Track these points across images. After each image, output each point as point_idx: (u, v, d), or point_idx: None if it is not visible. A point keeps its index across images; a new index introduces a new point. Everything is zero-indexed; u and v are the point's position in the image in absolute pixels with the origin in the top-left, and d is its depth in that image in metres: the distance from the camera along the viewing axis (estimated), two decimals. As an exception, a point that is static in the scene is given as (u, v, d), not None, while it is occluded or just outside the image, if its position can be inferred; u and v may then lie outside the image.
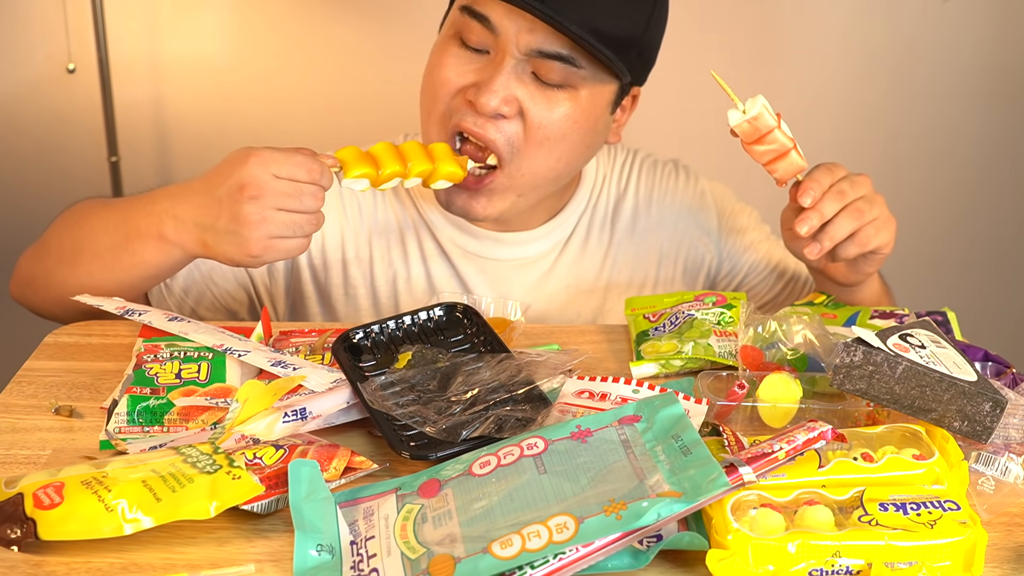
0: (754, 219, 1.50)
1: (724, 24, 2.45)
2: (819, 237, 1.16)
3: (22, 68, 2.36)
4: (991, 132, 2.59)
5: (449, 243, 1.39)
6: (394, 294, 1.39)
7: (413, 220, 1.39)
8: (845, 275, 1.26)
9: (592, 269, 1.43)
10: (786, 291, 1.47)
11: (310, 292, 1.40)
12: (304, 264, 1.39)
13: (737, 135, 1.15)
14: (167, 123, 2.44)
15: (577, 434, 0.88)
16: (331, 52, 2.42)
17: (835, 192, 1.15)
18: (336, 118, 2.45)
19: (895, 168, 2.57)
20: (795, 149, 1.15)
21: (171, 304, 1.33)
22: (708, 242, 1.47)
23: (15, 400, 1.07)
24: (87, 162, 2.41)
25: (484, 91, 1.20)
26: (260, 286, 1.38)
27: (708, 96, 2.45)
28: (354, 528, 0.85)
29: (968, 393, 0.91)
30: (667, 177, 1.47)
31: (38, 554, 0.83)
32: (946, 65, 2.53)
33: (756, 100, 1.12)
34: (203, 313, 1.35)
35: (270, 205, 1.08)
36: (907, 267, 2.44)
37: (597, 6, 1.18)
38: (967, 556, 0.81)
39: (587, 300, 1.42)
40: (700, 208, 1.47)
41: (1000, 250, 2.70)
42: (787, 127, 1.14)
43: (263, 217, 1.07)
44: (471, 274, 1.39)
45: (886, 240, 1.18)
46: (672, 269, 1.45)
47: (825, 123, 2.52)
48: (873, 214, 1.16)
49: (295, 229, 1.10)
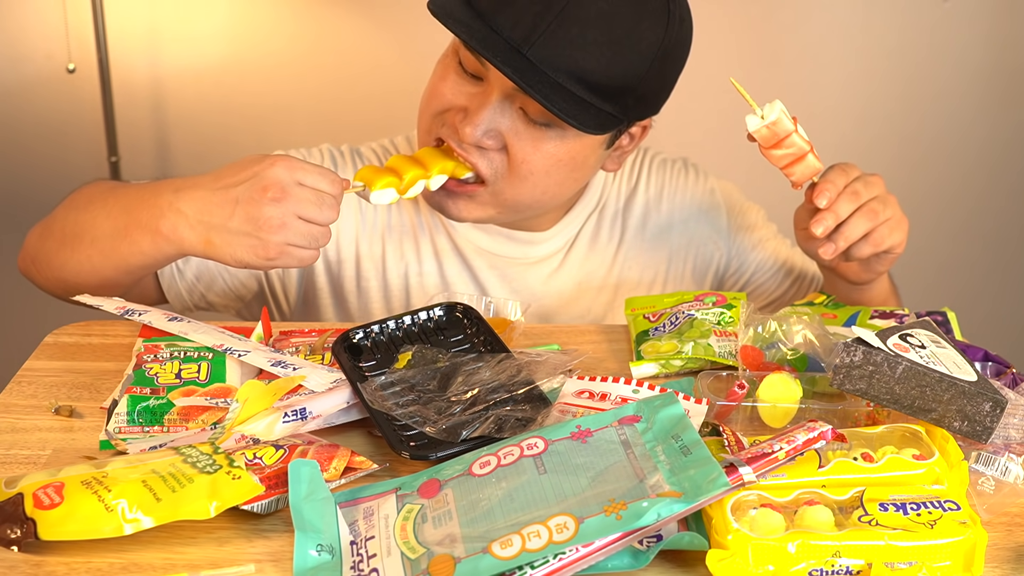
0: (761, 217, 1.51)
1: (724, 24, 2.45)
2: (834, 237, 1.17)
3: (22, 68, 2.35)
4: (991, 132, 2.60)
5: (463, 240, 1.39)
6: (406, 289, 1.39)
7: (426, 217, 1.39)
8: (857, 274, 1.27)
9: (603, 266, 1.43)
10: (793, 288, 1.48)
11: (323, 285, 1.39)
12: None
13: (755, 140, 1.15)
14: (167, 123, 2.44)
15: (577, 434, 0.88)
16: (331, 52, 2.42)
17: (849, 193, 1.16)
18: (336, 118, 2.45)
19: (896, 168, 2.57)
20: (812, 152, 1.16)
21: (182, 288, 1.33)
22: (717, 240, 1.47)
23: (15, 400, 1.07)
24: (87, 162, 2.41)
25: (468, 122, 1.20)
26: (273, 276, 1.38)
27: (714, 96, 2.45)
28: (354, 528, 0.85)
29: (968, 393, 0.91)
30: (677, 175, 1.48)
31: (38, 554, 0.83)
32: (947, 66, 2.53)
33: (774, 105, 1.13)
34: (212, 299, 1.36)
35: (291, 211, 1.06)
36: (907, 267, 2.44)
37: (584, 55, 1.13)
38: (967, 556, 0.81)
39: (597, 297, 1.43)
40: (710, 206, 1.48)
41: (1000, 250, 2.70)
42: (803, 130, 1.15)
43: (283, 223, 1.06)
44: (483, 270, 1.39)
45: (899, 240, 1.20)
46: (682, 266, 1.46)
47: (825, 123, 2.52)
48: (887, 214, 1.18)
49: (310, 240, 1.08)
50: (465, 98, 1.22)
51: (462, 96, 1.22)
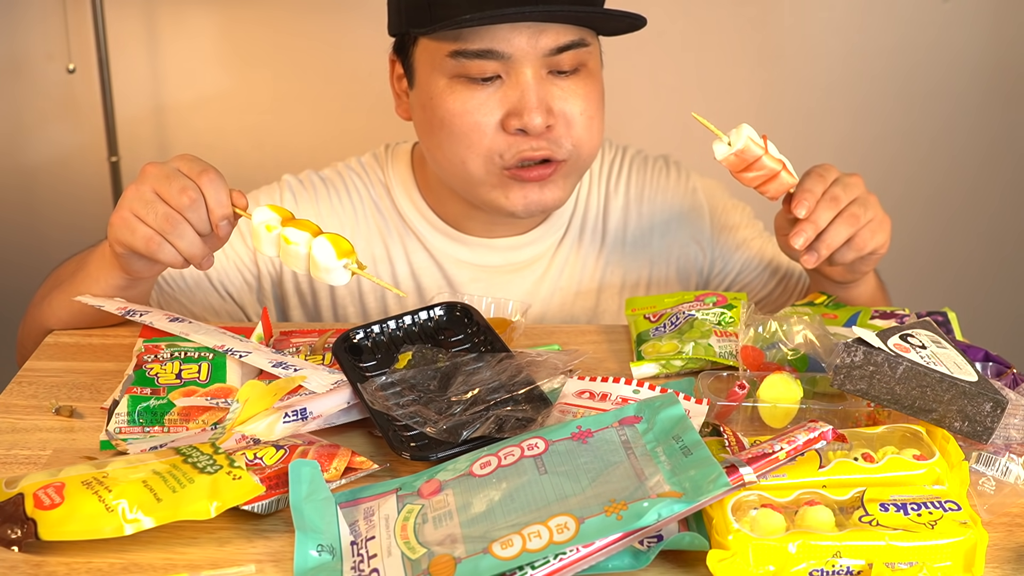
0: (746, 216, 1.49)
1: (724, 24, 2.45)
2: (815, 246, 1.15)
3: (22, 68, 2.35)
4: (991, 132, 2.59)
5: (440, 253, 1.38)
6: (384, 311, 1.39)
7: (399, 232, 1.39)
8: (842, 274, 1.26)
9: (586, 271, 1.42)
10: (779, 288, 1.46)
11: (294, 304, 1.40)
12: (290, 287, 1.39)
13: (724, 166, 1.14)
14: (167, 123, 2.44)
15: (578, 435, 0.88)
16: (331, 52, 2.42)
17: (828, 199, 1.14)
18: (336, 118, 2.44)
19: (895, 168, 2.57)
20: (784, 169, 1.14)
21: (185, 300, 1.35)
22: (700, 241, 1.46)
23: (15, 400, 1.07)
24: (87, 162, 2.41)
25: (525, 113, 1.20)
26: (265, 281, 1.38)
27: (706, 96, 2.46)
28: (354, 528, 0.85)
29: (969, 393, 0.91)
30: (658, 174, 1.46)
31: (38, 554, 0.83)
32: (946, 65, 2.53)
33: (740, 132, 1.11)
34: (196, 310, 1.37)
35: (148, 187, 1.08)
36: (908, 267, 2.44)
37: None
38: (968, 556, 0.81)
39: (582, 302, 1.42)
40: (691, 206, 1.46)
41: (1001, 250, 2.70)
42: (775, 149, 1.14)
43: (139, 192, 1.08)
44: (465, 283, 1.38)
45: (882, 241, 1.18)
46: (665, 268, 1.45)
47: (825, 123, 2.52)
48: (868, 217, 1.16)
49: (159, 221, 1.07)
50: (497, 105, 1.22)
51: (494, 107, 1.22)
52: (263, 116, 2.44)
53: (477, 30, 1.18)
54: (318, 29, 2.41)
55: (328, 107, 2.45)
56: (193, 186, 1.07)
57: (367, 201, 1.40)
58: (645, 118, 2.41)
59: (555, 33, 1.20)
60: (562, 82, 1.23)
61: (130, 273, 1.15)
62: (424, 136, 1.29)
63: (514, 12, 1.15)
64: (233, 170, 1.20)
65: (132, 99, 2.40)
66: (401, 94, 1.33)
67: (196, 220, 1.07)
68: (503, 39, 1.19)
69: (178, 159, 1.10)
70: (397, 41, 1.30)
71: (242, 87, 2.43)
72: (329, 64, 2.43)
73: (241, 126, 2.44)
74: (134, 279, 1.17)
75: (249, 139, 2.44)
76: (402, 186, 1.39)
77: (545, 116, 1.21)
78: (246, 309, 1.38)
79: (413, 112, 1.31)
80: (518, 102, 1.21)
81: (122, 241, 1.09)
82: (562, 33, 1.20)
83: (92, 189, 2.42)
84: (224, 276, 1.35)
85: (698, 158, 1.54)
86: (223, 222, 1.08)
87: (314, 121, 2.45)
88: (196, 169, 1.08)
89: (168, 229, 1.07)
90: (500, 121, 1.22)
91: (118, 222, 1.09)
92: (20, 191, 2.42)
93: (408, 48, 1.27)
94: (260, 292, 1.38)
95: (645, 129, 2.42)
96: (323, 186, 1.40)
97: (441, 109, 1.23)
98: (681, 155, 1.53)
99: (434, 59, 1.23)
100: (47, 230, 2.44)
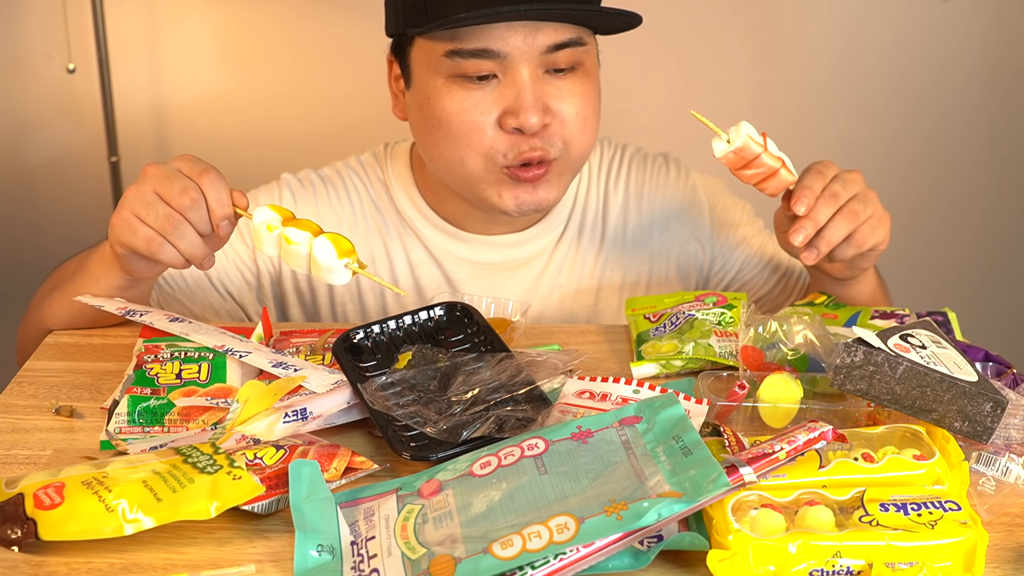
0: (747, 213, 1.49)
1: (724, 24, 2.45)
2: (815, 243, 1.15)
3: (22, 68, 2.35)
4: (992, 131, 2.59)
5: (439, 251, 1.38)
6: (383, 309, 1.39)
7: (398, 230, 1.39)
8: (842, 271, 1.26)
9: (585, 269, 1.42)
10: (780, 286, 1.46)
11: (297, 316, 1.40)
12: (289, 285, 1.39)
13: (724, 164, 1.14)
14: (167, 123, 2.44)
15: (578, 435, 0.88)
16: (331, 52, 2.42)
17: (828, 196, 1.14)
18: (336, 118, 2.44)
19: (895, 168, 2.57)
20: (784, 167, 1.14)
21: (186, 301, 1.35)
22: (700, 238, 1.46)
23: (15, 400, 1.07)
24: (87, 162, 2.41)
25: (521, 112, 1.20)
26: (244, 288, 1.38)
27: (705, 94, 2.46)
28: (355, 528, 0.85)
29: (969, 393, 0.91)
30: (657, 172, 1.46)
31: (38, 554, 0.83)
32: (946, 65, 2.53)
33: (740, 129, 1.11)
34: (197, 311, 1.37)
35: (149, 187, 1.08)
36: (908, 267, 2.44)
37: None
38: (968, 556, 0.81)
39: (582, 300, 1.42)
40: (691, 204, 1.46)
41: (1001, 250, 2.70)
42: (774, 146, 1.13)
43: (139, 193, 1.08)
44: (463, 280, 1.38)
45: (882, 237, 1.18)
46: (665, 266, 1.45)
47: (825, 123, 2.52)
48: (867, 213, 1.16)
49: (160, 222, 1.07)
50: (494, 103, 1.22)
51: (491, 106, 1.22)
52: (263, 116, 2.44)
53: (473, 29, 1.18)
54: (318, 29, 2.41)
55: (328, 107, 2.45)
56: (194, 186, 1.07)
57: (366, 200, 1.40)
58: (644, 116, 2.41)
59: (551, 32, 1.20)
60: (559, 81, 1.23)
61: (131, 273, 1.15)
62: (421, 135, 1.29)
63: (509, 11, 1.15)
64: (233, 170, 1.20)
65: (132, 99, 2.40)
66: (399, 94, 1.33)
67: (197, 220, 1.07)
68: (499, 38, 1.19)
69: (179, 159, 1.10)
70: (394, 42, 1.31)
71: (242, 87, 2.43)
72: (329, 64, 2.43)
73: (241, 126, 2.44)
74: (135, 279, 1.17)
75: (249, 139, 2.44)
76: (401, 184, 1.39)
77: (541, 115, 1.21)
78: (246, 308, 1.38)
79: (409, 112, 1.31)
80: (514, 101, 1.21)
81: (123, 242, 1.09)
82: (558, 31, 1.20)
83: (92, 189, 2.42)
84: (224, 275, 1.35)
85: (697, 156, 1.54)
86: (224, 222, 1.08)
87: (313, 121, 2.45)
88: (197, 169, 1.08)
89: (169, 230, 1.07)
90: (497, 120, 1.22)
91: (119, 223, 1.09)
92: (20, 191, 2.42)
93: (405, 48, 1.28)
94: (260, 291, 1.38)
95: (644, 127, 2.42)
96: (322, 185, 1.40)
97: (438, 109, 1.23)
98: (680, 153, 1.53)
99: (430, 59, 1.23)
100: (47, 230, 2.44)
